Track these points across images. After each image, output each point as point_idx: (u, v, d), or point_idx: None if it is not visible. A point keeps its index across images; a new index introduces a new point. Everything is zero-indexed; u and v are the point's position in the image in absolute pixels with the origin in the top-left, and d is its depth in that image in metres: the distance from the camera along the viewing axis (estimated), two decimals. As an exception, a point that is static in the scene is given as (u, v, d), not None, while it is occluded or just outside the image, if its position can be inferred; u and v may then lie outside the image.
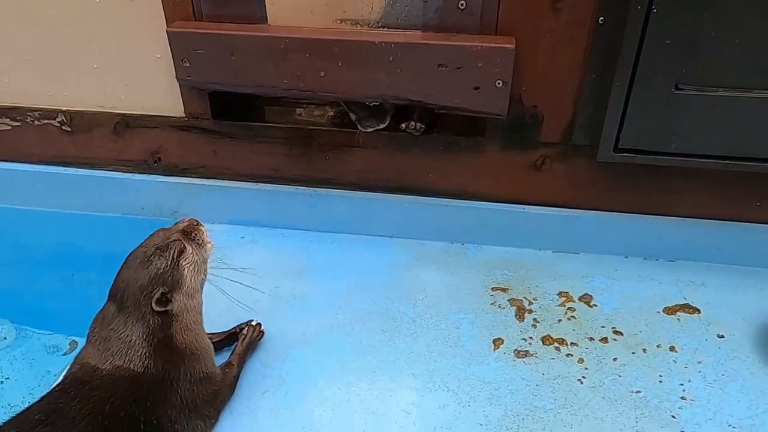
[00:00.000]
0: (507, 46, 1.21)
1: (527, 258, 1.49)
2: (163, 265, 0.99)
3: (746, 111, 1.19)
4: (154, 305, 0.96)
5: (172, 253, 1.00)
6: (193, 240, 1.05)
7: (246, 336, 1.21)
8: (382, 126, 1.38)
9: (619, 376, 1.18)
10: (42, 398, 0.94)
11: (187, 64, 1.34)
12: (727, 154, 1.25)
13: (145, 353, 0.96)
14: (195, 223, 1.09)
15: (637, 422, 1.09)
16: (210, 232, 1.57)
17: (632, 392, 1.15)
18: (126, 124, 1.54)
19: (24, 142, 1.61)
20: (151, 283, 0.97)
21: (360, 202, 1.52)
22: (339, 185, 1.53)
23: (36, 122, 1.58)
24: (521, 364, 1.21)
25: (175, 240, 1.02)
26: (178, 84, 1.43)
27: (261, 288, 1.39)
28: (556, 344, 1.25)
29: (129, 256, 1.01)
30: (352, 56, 1.26)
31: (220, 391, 1.09)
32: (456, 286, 1.41)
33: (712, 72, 1.17)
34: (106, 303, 1.00)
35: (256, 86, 1.35)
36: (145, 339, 0.96)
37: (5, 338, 1.65)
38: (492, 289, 1.40)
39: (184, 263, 1.01)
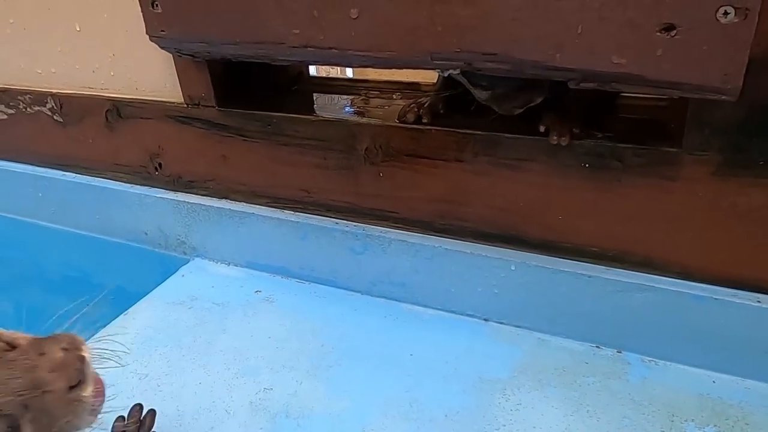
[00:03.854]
0: None
1: (756, 397, 0.73)
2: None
3: None
4: None
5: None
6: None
7: None
8: (527, 105, 0.76)
9: None
10: None
11: (159, 10, 0.84)
12: None
13: None
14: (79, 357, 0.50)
15: None
16: (222, 275, 1.08)
17: None
18: (118, 112, 1.08)
19: (20, 135, 1.24)
20: None
21: (434, 253, 0.88)
22: (401, 222, 0.91)
23: (28, 109, 1.20)
24: None
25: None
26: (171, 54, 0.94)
27: (243, 386, 0.82)
28: None
29: None
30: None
31: None
32: (596, 442, 0.70)
33: None
34: None
35: (254, 43, 0.79)
36: None
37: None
38: (676, 460, 0.67)
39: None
